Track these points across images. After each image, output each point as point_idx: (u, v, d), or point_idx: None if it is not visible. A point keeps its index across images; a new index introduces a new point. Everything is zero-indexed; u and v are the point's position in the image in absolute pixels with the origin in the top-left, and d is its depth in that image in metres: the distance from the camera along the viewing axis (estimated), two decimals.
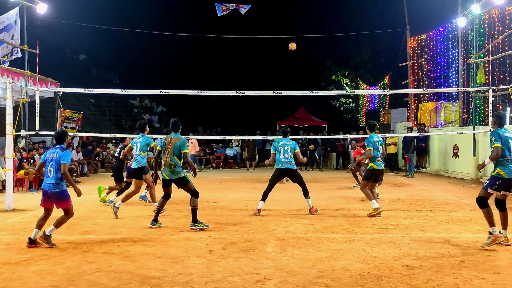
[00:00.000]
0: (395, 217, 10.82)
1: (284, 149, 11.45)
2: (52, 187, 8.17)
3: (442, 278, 6.30)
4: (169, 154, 9.48)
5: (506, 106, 20.01)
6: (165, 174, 9.58)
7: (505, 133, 8.06)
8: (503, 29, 19.20)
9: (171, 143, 9.52)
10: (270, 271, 6.69)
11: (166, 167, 9.54)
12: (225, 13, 25.40)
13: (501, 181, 7.96)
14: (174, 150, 9.46)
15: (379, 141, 11.45)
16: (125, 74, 39.66)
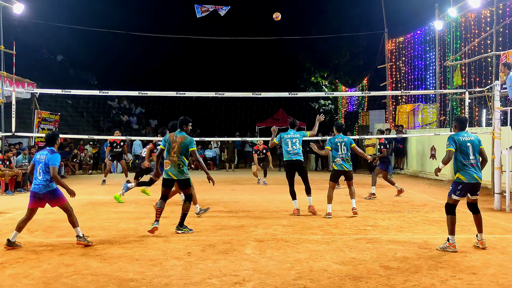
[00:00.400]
0: (373, 218, 10.89)
1: (292, 141, 11.56)
2: (42, 188, 8.13)
3: (420, 279, 6.35)
4: (177, 153, 9.17)
5: (482, 108, 20.28)
6: (172, 173, 9.23)
7: (462, 138, 8.14)
8: (479, 32, 19.44)
9: (177, 142, 9.21)
10: (249, 272, 6.69)
11: (173, 166, 9.20)
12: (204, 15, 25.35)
13: (462, 186, 8.10)
14: (181, 149, 9.18)
15: (342, 142, 11.48)
16: (103, 75, 39.39)
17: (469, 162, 8.04)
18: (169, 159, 9.23)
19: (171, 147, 9.23)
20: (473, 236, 8.87)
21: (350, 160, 11.59)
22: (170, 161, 9.22)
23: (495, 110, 12.44)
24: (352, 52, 37.79)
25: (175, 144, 9.21)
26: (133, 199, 14.29)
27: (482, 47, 18.93)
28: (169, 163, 9.23)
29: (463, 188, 8.06)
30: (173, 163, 9.21)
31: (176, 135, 9.35)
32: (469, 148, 8.06)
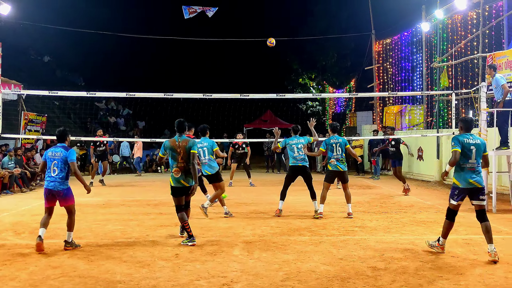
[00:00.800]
0: (361, 219, 10.92)
1: (298, 147, 11.55)
2: (58, 185, 8.10)
3: (407, 279, 6.38)
4: (184, 159, 8.52)
5: (469, 109, 20.40)
6: (184, 181, 8.56)
7: (467, 140, 7.72)
8: (465, 34, 19.57)
9: (181, 147, 8.54)
10: (237, 274, 6.68)
11: (184, 173, 8.52)
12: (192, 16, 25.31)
13: (458, 191, 7.78)
14: (187, 153, 8.53)
15: (337, 143, 11.51)
16: (91, 76, 39.26)
17: (467, 166, 7.67)
18: (177, 166, 8.56)
19: (176, 153, 8.57)
20: (460, 237, 8.94)
21: (345, 161, 11.62)
22: (178, 168, 8.55)
23: (482, 111, 12.55)
24: (340, 54, 37.95)
25: (180, 150, 8.56)
26: (120, 201, 14.24)
27: (468, 49, 19.07)
28: (178, 170, 8.55)
29: (460, 193, 7.73)
30: (182, 170, 8.54)
31: (177, 139, 8.66)
32: (472, 151, 7.67)
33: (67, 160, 8.16)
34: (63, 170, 8.12)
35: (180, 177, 8.55)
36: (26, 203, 13.94)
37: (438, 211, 12.11)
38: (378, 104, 28.33)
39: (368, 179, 21.05)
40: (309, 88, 37.76)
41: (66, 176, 8.17)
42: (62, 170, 8.12)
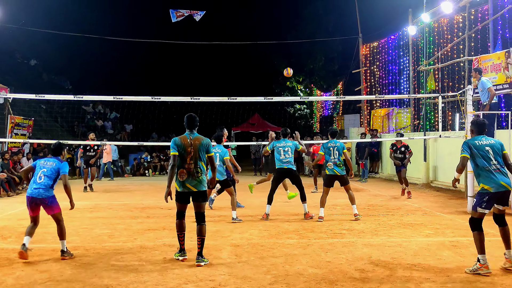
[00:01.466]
0: (348, 222, 10.95)
1: (284, 150, 11.58)
2: (43, 192, 7.83)
3: (394, 282, 6.41)
4: (193, 160, 7.53)
5: (455, 112, 20.55)
6: (190, 185, 7.56)
7: (479, 142, 7.24)
8: (451, 37, 19.71)
9: (193, 145, 7.57)
10: (225, 277, 6.68)
11: (191, 176, 7.53)
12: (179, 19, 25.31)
13: (488, 196, 7.04)
14: (200, 153, 7.59)
15: (334, 146, 11.56)
16: (78, 80, 39.04)
17: (492, 168, 7.07)
18: (185, 167, 7.55)
19: (186, 153, 7.56)
20: (447, 239, 8.99)
21: (343, 165, 11.64)
22: (185, 170, 7.55)
23: (468, 114, 12.64)
24: (327, 57, 38.06)
25: (192, 149, 7.58)
26: (107, 205, 14.19)
27: (454, 52, 19.20)
28: (185, 172, 7.55)
29: (490, 199, 7.02)
30: (190, 172, 7.54)
31: (188, 137, 7.68)
32: (488, 152, 7.15)
33: (60, 171, 7.99)
34: (51, 179, 7.93)
35: (186, 180, 7.55)
36: (13, 207, 13.83)
37: (425, 214, 12.18)
38: (365, 107, 28.45)
39: (356, 181, 21.12)
40: (296, 91, 37.82)
41: (52, 185, 7.95)
42: (50, 178, 7.92)
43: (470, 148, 7.23)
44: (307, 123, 38.64)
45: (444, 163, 18.40)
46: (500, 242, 7.28)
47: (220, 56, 43.60)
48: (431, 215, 11.99)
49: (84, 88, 33.32)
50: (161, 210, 12.82)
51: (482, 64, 15.40)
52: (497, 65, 14.89)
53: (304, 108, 38.66)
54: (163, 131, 37.21)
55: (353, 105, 31.49)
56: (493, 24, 16.83)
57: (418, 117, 22.86)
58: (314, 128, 38.12)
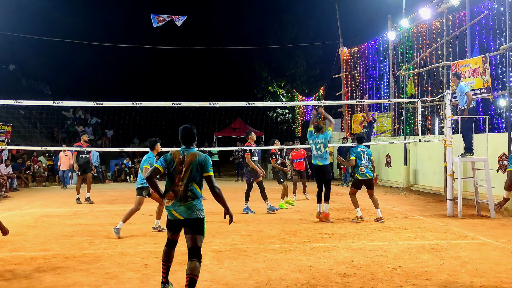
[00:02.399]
0: (330, 226, 11.02)
1: (316, 147, 11.92)
2: None
3: (375, 285, 6.48)
4: (184, 180, 6.06)
5: (435, 116, 20.78)
6: (176, 212, 6.05)
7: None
8: (430, 42, 19.92)
9: (187, 162, 6.11)
10: (207, 283, 6.69)
11: (177, 200, 6.04)
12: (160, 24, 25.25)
13: None
14: (192, 172, 6.09)
15: (364, 151, 11.98)
16: (57, 85, 38.79)
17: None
18: (173, 189, 6.10)
19: (176, 172, 6.14)
20: (427, 243, 9.09)
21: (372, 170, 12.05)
22: (173, 193, 6.09)
23: (447, 118, 12.81)
24: (309, 62, 38.25)
25: (183, 167, 6.13)
26: (87, 211, 14.11)
27: (433, 57, 19.40)
28: (172, 197, 6.09)
29: None
30: (178, 195, 6.07)
31: (182, 152, 6.24)
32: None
33: None
34: None
35: (172, 206, 6.07)
36: None
37: (405, 217, 12.30)
38: (346, 111, 28.64)
39: (338, 186, 21.24)
40: (278, 96, 37.92)
41: None
42: None
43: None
44: (289, 128, 38.76)
45: (424, 167, 18.60)
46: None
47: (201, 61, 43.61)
48: (412, 219, 12.11)
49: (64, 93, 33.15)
50: (142, 216, 12.78)
51: (460, 69, 15.60)
52: (475, 70, 15.09)
53: (286, 113, 38.78)
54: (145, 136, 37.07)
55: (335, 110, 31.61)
56: (471, 29, 17.05)
57: (398, 122, 23.06)
58: (296, 133, 38.24)
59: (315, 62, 38.46)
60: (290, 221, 11.93)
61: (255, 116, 32.48)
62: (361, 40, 27.86)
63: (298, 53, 37.34)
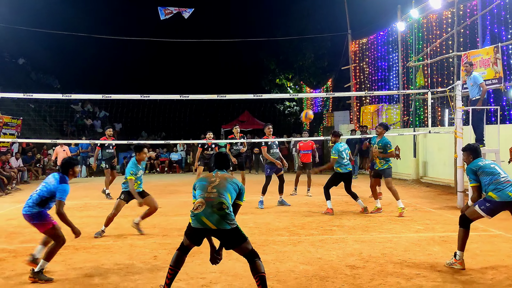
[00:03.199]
0: (339, 219, 10.96)
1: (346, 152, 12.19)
2: (27, 208, 6.89)
3: (385, 277, 6.41)
4: (217, 189, 5.84)
5: (445, 108, 20.61)
6: (207, 220, 5.68)
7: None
8: (440, 33, 19.76)
9: (220, 177, 6.02)
10: (216, 275, 6.66)
11: (209, 207, 5.70)
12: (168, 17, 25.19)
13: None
14: (227, 185, 5.93)
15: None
16: (66, 79, 38.87)
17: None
18: (204, 197, 5.80)
19: (208, 182, 5.95)
20: (437, 235, 9.01)
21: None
22: (204, 200, 5.77)
23: (457, 109, 12.66)
24: (317, 54, 38.04)
25: (216, 178, 6.00)
26: (97, 204, 14.11)
27: (443, 48, 19.25)
28: (202, 203, 5.76)
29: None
30: (209, 202, 5.73)
31: (215, 173, 6.15)
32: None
33: (55, 194, 6.91)
34: (39, 198, 6.89)
35: (202, 213, 5.70)
36: (2, 207, 13.75)
37: (415, 209, 12.22)
38: (355, 103, 28.49)
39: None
40: (286, 89, 37.81)
41: (40, 202, 6.89)
42: (41, 197, 6.89)
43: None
44: (297, 121, 38.64)
45: (434, 159, 18.47)
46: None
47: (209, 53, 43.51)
48: (421, 211, 12.03)
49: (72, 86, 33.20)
50: None
51: (471, 59, 15.44)
52: (486, 61, 14.94)
53: (293, 105, 38.67)
54: (153, 129, 37.10)
55: (343, 102, 31.51)
56: (482, 19, 16.89)
57: (407, 113, 22.93)
58: (304, 126, 38.14)
59: (323, 54, 38.25)
60: (299, 213, 11.88)
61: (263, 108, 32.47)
62: (369, 31, 27.70)
63: (306, 45, 37.13)
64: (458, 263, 6.84)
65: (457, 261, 6.85)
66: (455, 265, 6.84)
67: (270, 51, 38.87)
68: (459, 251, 6.89)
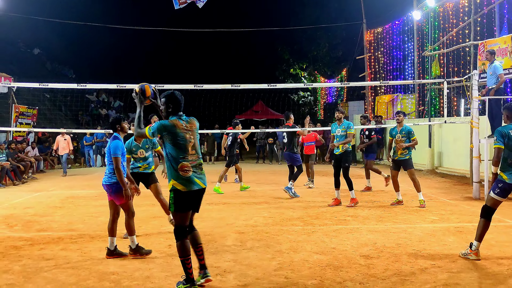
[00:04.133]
0: (353, 209, 10.93)
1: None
2: (106, 178, 7.12)
3: (399, 268, 6.40)
4: (196, 147, 5.85)
5: (461, 97, 20.45)
6: (201, 181, 5.74)
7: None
8: (457, 22, 19.56)
9: (193, 130, 5.88)
10: (230, 264, 6.67)
11: (197, 169, 5.78)
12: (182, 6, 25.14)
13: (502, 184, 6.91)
14: (198, 140, 6.02)
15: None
16: (81, 69, 39.12)
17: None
18: (187, 159, 5.69)
19: (186, 141, 5.73)
20: (452, 225, 8.97)
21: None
22: (189, 163, 5.70)
23: (473, 99, 12.55)
24: (331, 44, 37.88)
25: (191, 135, 5.82)
26: None
27: (460, 37, 19.05)
28: (189, 166, 5.68)
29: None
30: (194, 165, 5.74)
31: (184, 120, 5.91)
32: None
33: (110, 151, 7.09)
34: (110, 164, 7.11)
35: (193, 176, 5.66)
36: (18, 196, 13.88)
37: (430, 200, 12.15)
38: (369, 93, 28.36)
39: (361, 168, 21.07)
40: (300, 78, 37.69)
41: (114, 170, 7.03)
42: (109, 163, 7.14)
43: (504, 136, 6.91)
44: (311, 110, 38.55)
45: (449, 149, 18.35)
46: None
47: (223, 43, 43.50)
48: (436, 201, 11.97)
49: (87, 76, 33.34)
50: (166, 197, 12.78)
51: (488, 48, 15.27)
52: (503, 50, 14.77)
53: (308, 95, 38.56)
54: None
55: (357, 92, 31.38)
56: (499, 8, 16.69)
57: (423, 103, 22.76)
58: (318, 116, 38.03)
59: (338, 44, 38.08)
60: (312, 203, 11.87)
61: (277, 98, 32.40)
62: (385, 20, 27.52)
63: (320, 34, 36.98)
64: (473, 253, 6.75)
65: (473, 252, 6.77)
66: (470, 255, 6.77)
67: (284, 41, 38.75)
68: (476, 241, 6.81)
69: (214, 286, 5.79)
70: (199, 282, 5.76)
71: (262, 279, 6.04)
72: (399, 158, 11.50)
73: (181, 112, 5.95)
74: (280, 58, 39.01)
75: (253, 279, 6.02)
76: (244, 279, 6.04)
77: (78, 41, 38.54)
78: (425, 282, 5.84)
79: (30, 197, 13.53)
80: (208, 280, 5.81)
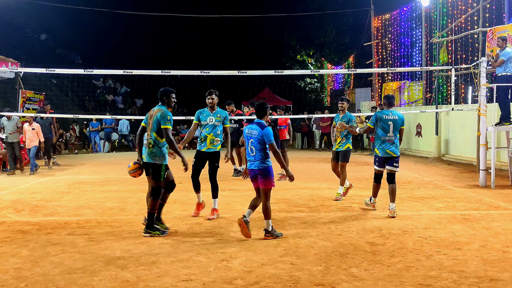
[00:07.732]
0: (359, 196, 10.92)
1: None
2: (259, 164, 7.34)
3: (405, 255, 6.40)
4: (150, 131, 7.77)
5: (468, 85, 20.35)
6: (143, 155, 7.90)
7: (386, 116, 8.97)
8: (465, 8, 19.41)
9: (152, 117, 7.78)
10: (236, 250, 6.69)
11: (146, 147, 7.78)
12: None
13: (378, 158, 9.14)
14: (153, 125, 7.72)
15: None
16: (88, 54, 39.06)
17: (386, 138, 9.06)
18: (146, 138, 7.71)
19: (147, 124, 7.79)
20: (458, 213, 8.96)
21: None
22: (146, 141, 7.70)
23: (481, 87, 12.47)
24: (338, 30, 37.66)
25: (150, 121, 7.72)
26: (118, 178, 14.23)
27: (468, 24, 18.92)
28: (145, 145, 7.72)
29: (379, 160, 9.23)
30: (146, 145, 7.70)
31: (153, 109, 7.83)
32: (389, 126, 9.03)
33: (264, 140, 7.30)
34: (261, 150, 7.34)
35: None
36: (26, 181, 13.95)
37: (436, 187, 12.14)
38: (377, 80, 28.25)
39: (367, 155, 21.06)
40: (307, 65, 37.53)
41: (265, 154, 7.36)
42: (258, 150, 7.34)
43: (377, 119, 8.98)
44: (318, 97, 38.43)
45: (456, 137, 18.29)
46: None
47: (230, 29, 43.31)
48: (442, 189, 11.95)
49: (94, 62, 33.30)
50: None
51: (497, 35, 15.15)
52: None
53: (314, 82, 38.40)
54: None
55: (365, 79, 31.25)
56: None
57: (430, 90, 22.67)
58: (324, 102, 37.92)
59: (345, 30, 37.85)
60: (318, 190, 11.87)
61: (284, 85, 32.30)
62: (392, 6, 27.32)
63: (327, 21, 36.76)
64: (371, 205, 9.33)
65: (371, 204, 9.33)
66: (368, 207, 9.32)
67: (291, 27, 38.56)
68: (373, 197, 9.43)
69: (219, 272, 5.81)
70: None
71: (267, 265, 6.05)
72: (337, 149, 10.79)
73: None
74: (287, 44, 38.85)
75: (259, 265, 6.04)
76: (250, 264, 6.06)
77: (85, 27, 38.45)
78: (431, 269, 5.84)
79: (37, 182, 13.59)
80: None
